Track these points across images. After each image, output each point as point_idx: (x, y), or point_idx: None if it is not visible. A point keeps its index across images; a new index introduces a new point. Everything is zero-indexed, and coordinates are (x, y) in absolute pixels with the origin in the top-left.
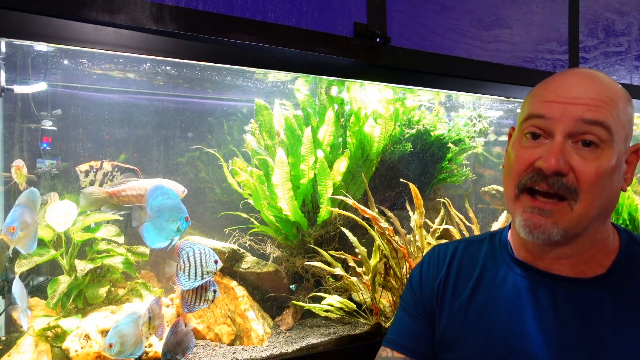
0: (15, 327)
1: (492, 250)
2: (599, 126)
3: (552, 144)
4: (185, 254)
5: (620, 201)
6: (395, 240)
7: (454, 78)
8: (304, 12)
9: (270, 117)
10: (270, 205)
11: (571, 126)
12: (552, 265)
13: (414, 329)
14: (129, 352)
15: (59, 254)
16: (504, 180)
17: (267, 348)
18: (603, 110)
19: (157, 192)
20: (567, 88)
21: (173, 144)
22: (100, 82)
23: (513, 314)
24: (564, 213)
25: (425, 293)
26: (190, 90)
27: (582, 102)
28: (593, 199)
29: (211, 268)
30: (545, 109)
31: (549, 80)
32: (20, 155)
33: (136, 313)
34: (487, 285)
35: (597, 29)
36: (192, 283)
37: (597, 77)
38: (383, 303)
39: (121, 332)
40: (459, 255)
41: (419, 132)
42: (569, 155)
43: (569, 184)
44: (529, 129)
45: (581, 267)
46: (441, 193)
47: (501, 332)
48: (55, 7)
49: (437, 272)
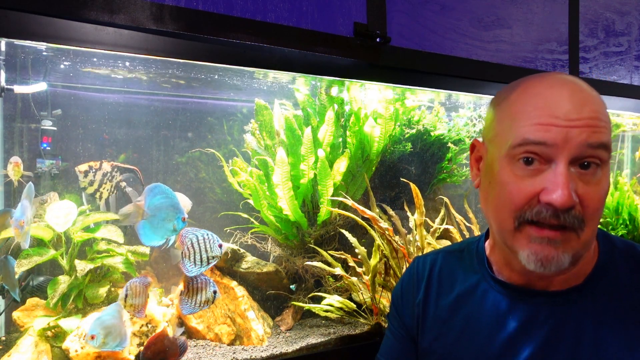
0: (15, 327)
1: (471, 263)
2: (602, 148)
3: (556, 173)
4: (188, 240)
5: (621, 201)
6: (396, 240)
7: (454, 78)
8: (304, 12)
9: (270, 117)
10: (270, 205)
11: (575, 152)
12: (536, 283)
13: (397, 349)
14: (114, 343)
15: (59, 254)
16: (494, 210)
17: (267, 348)
18: (604, 130)
19: (156, 191)
20: (561, 107)
21: (173, 144)
22: (100, 82)
23: (494, 331)
24: (571, 240)
25: (405, 313)
26: (190, 90)
27: (582, 123)
28: (597, 222)
29: (216, 252)
30: (544, 135)
31: (532, 95)
32: (20, 155)
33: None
34: (467, 301)
35: (597, 29)
36: (199, 269)
37: (585, 89)
38: (383, 303)
39: (104, 323)
40: (437, 269)
41: (419, 132)
42: (575, 184)
43: (577, 214)
44: (523, 155)
45: (563, 278)
46: (441, 193)
47: (485, 349)
48: (55, 7)
49: (417, 289)
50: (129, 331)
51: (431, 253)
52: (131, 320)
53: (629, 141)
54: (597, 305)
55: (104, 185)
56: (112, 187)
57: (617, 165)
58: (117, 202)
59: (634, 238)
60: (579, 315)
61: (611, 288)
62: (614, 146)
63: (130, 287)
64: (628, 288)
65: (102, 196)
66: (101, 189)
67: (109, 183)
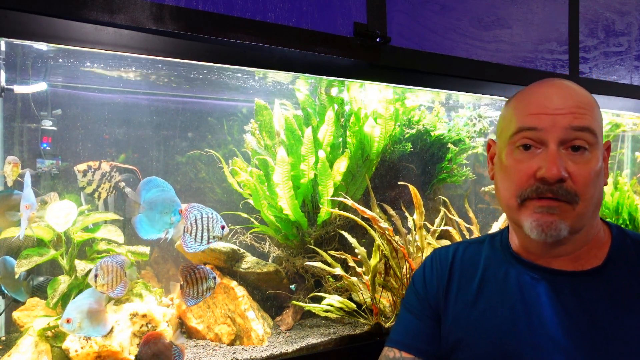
0: (15, 327)
1: (493, 251)
2: (586, 131)
3: (548, 153)
4: (192, 216)
5: (620, 201)
6: (396, 240)
7: (454, 78)
8: (304, 12)
9: (270, 117)
10: (271, 205)
11: (562, 134)
12: (552, 262)
13: (421, 329)
14: (91, 329)
15: (59, 254)
16: (502, 192)
17: (267, 348)
18: (587, 117)
19: (151, 185)
20: (550, 100)
21: (173, 144)
22: (100, 82)
23: (518, 309)
24: (568, 211)
25: (430, 293)
26: (190, 90)
27: (567, 111)
28: (590, 198)
29: (217, 233)
30: (535, 122)
31: (528, 94)
32: (20, 156)
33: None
34: (490, 283)
35: (597, 29)
36: (198, 246)
37: (572, 87)
38: (383, 303)
39: (81, 307)
40: (459, 257)
41: (419, 132)
42: (565, 162)
43: (568, 188)
44: (521, 141)
45: (579, 261)
46: (441, 193)
47: (508, 328)
48: (55, 7)
49: (441, 274)
50: (110, 318)
51: (452, 245)
52: (131, 320)
53: (629, 141)
54: (615, 283)
55: (103, 185)
56: (111, 187)
57: (617, 165)
58: (115, 203)
59: None
60: (599, 292)
61: (625, 270)
62: (614, 146)
63: (101, 267)
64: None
65: (101, 196)
66: (100, 189)
67: (108, 183)
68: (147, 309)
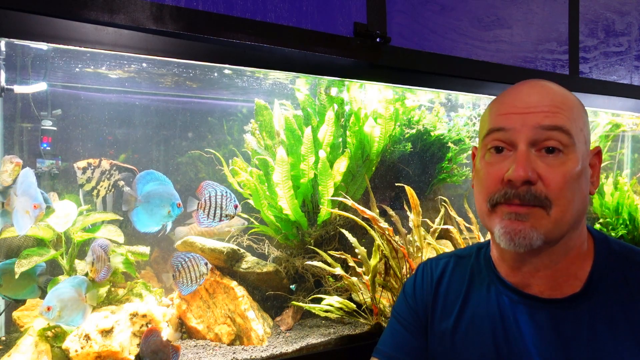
0: (15, 327)
1: (478, 265)
2: (559, 131)
3: (517, 154)
4: (207, 193)
5: (621, 201)
6: (396, 240)
7: (454, 78)
8: (304, 12)
9: (270, 117)
10: (271, 205)
11: (532, 134)
12: (530, 280)
13: (409, 342)
14: (70, 318)
15: (59, 254)
16: (476, 198)
17: (267, 348)
18: (560, 116)
19: (148, 178)
20: (522, 99)
21: (173, 144)
22: (100, 82)
23: (498, 335)
24: (541, 217)
25: (419, 305)
26: (190, 90)
27: (538, 109)
28: (567, 203)
29: (230, 211)
30: (504, 122)
31: (503, 94)
32: (20, 155)
33: (79, 277)
34: (473, 304)
35: (597, 29)
36: (210, 222)
37: (549, 86)
38: (383, 303)
39: (61, 296)
40: (449, 272)
41: (419, 132)
42: (535, 164)
43: (537, 192)
44: (492, 143)
45: (557, 280)
46: (441, 193)
47: (488, 351)
48: (55, 7)
49: (429, 289)
50: (88, 308)
51: (444, 257)
52: (131, 320)
53: (629, 141)
54: (595, 314)
55: (102, 182)
56: (110, 185)
57: (617, 165)
58: (114, 201)
59: (634, 238)
60: (577, 324)
61: (607, 296)
62: (614, 146)
63: (94, 251)
64: (623, 295)
65: (100, 194)
66: (99, 187)
67: (107, 181)
68: (147, 309)
